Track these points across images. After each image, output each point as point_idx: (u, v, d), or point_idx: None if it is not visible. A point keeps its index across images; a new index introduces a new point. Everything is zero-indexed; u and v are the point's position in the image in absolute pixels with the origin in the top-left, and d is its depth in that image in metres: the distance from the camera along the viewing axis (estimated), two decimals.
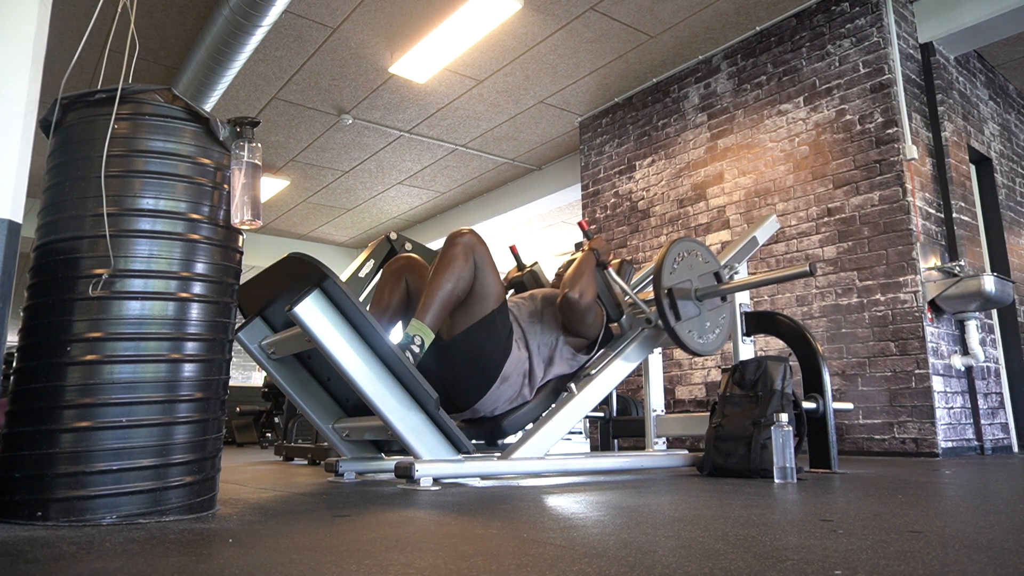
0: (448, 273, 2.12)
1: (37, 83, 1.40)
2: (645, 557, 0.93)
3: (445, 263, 2.14)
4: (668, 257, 2.54)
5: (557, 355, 2.47)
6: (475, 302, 2.19)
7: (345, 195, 7.68)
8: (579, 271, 2.44)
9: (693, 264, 2.64)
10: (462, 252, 2.15)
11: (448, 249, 2.17)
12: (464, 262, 2.14)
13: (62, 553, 0.98)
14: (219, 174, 1.52)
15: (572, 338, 2.50)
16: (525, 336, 2.41)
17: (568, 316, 2.42)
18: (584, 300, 2.38)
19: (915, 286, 3.68)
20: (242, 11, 3.78)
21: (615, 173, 5.57)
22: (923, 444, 3.53)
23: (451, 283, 2.12)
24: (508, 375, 2.30)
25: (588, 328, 2.47)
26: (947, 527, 1.20)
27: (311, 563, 0.91)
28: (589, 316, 2.43)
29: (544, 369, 2.44)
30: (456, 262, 2.14)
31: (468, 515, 1.39)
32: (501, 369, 2.27)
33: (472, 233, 2.21)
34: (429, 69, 5.01)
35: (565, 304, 2.39)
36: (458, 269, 2.13)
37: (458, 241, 2.17)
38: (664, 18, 4.54)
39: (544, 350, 2.44)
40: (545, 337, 2.45)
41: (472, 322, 2.20)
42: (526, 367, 2.38)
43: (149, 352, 1.37)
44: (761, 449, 2.25)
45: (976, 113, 4.64)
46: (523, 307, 2.50)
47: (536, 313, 2.49)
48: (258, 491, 1.98)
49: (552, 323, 2.48)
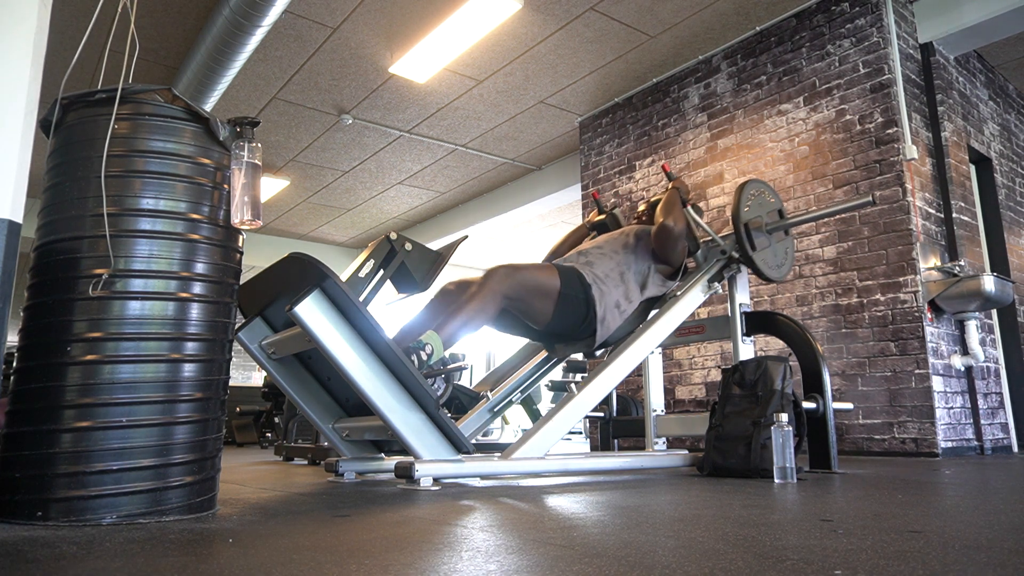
0: (472, 307, 2.30)
1: (37, 83, 1.40)
2: (645, 557, 0.93)
3: (473, 299, 2.32)
4: (744, 195, 2.88)
5: (650, 280, 2.75)
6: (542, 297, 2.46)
7: (345, 195, 7.68)
8: (671, 203, 2.77)
9: (762, 202, 2.96)
10: (489, 295, 2.35)
11: (480, 288, 2.35)
12: (490, 302, 2.33)
13: (62, 553, 0.98)
14: (219, 174, 1.52)
15: (661, 265, 2.79)
16: (620, 266, 2.69)
17: (663, 242, 2.71)
18: (678, 227, 2.69)
19: (915, 286, 3.68)
20: (242, 11, 3.78)
21: (615, 173, 5.57)
22: (923, 444, 3.53)
23: (470, 317, 2.29)
24: (604, 315, 2.57)
25: (677, 256, 2.76)
26: (947, 527, 1.20)
27: (311, 563, 0.91)
28: (680, 243, 2.73)
29: (639, 293, 2.72)
30: (482, 302, 2.31)
31: (468, 515, 1.39)
32: (596, 316, 2.55)
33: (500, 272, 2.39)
34: (429, 69, 5.01)
35: (662, 231, 2.68)
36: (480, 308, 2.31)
37: (487, 283, 2.35)
38: (664, 18, 4.54)
39: (638, 277, 2.73)
40: (639, 265, 2.74)
41: (552, 307, 2.48)
42: (619, 295, 2.64)
43: (149, 352, 1.37)
44: (761, 449, 2.25)
45: (976, 113, 4.64)
46: (617, 241, 2.78)
47: (630, 246, 2.78)
48: (258, 491, 1.98)
49: (645, 253, 2.77)
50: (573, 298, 2.52)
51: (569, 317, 2.53)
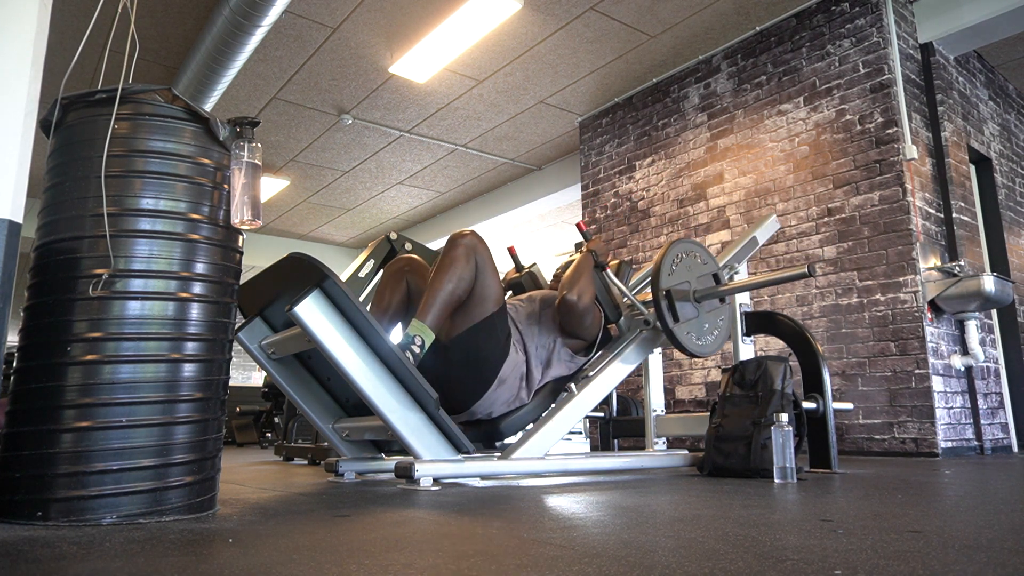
0: (449, 274, 2.12)
1: (37, 83, 1.40)
2: (645, 557, 0.93)
3: (446, 264, 2.14)
4: (666, 258, 2.55)
5: (555, 357, 2.46)
6: (475, 304, 2.19)
7: (345, 195, 7.68)
8: (577, 272, 2.44)
9: (692, 265, 2.64)
10: (463, 253, 2.15)
11: (449, 250, 2.16)
12: (465, 263, 2.14)
13: (62, 553, 0.98)
14: (219, 174, 1.52)
15: (570, 340, 2.50)
16: (523, 338, 2.40)
17: (566, 318, 2.42)
18: (582, 302, 2.37)
19: (915, 286, 3.68)
20: (242, 11, 3.78)
21: (615, 173, 5.57)
22: (923, 444, 3.53)
23: (452, 284, 2.12)
24: (505, 378, 2.30)
25: (586, 330, 2.47)
26: (947, 527, 1.20)
27: (311, 563, 0.91)
28: (587, 318, 2.43)
29: (542, 371, 2.44)
30: (457, 263, 2.13)
31: (468, 515, 1.39)
32: (498, 372, 2.27)
33: (473, 234, 2.20)
34: (429, 69, 5.01)
35: (563, 306, 2.39)
36: (459, 270, 2.13)
37: (460, 242, 2.17)
38: (664, 18, 4.54)
39: (542, 352, 2.44)
40: (543, 339, 2.45)
41: (471, 324, 2.19)
42: (523, 370, 2.37)
43: (149, 352, 1.37)
44: (761, 449, 2.25)
45: (976, 113, 4.64)
46: (521, 309, 2.49)
47: (534, 315, 2.48)
48: (258, 491, 1.98)
49: (550, 325, 2.48)
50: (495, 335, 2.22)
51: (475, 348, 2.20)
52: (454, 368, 2.24)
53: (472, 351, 2.22)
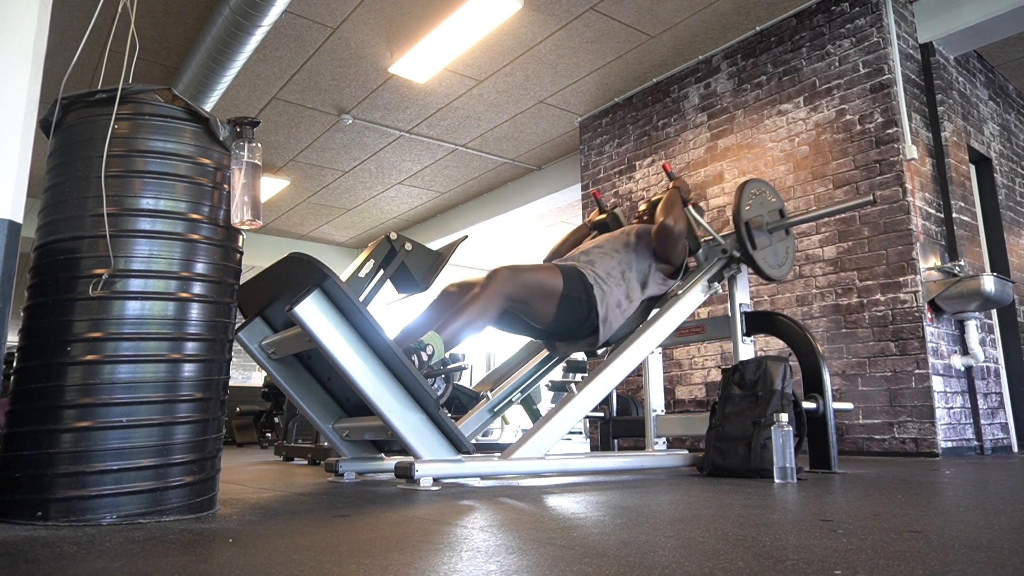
0: (473, 309, 2.30)
1: (37, 83, 1.40)
2: (645, 557, 0.93)
3: (475, 300, 2.32)
4: (744, 195, 2.89)
5: (651, 279, 2.76)
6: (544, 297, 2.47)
7: (345, 195, 7.68)
8: (671, 202, 2.78)
9: (763, 202, 2.98)
10: (492, 296, 2.34)
11: (483, 289, 2.35)
12: (492, 304, 2.34)
13: (62, 553, 0.98)
14: (219, 174, 1.52)
15: (662, 264, 2.79)
16: (621, 265, 2.70)
17: (663, 241, 2.71)
18: (678, 226, 2.70)
19: (915, 286, 3.68)
20: (242, 11, 3.78)
21: (615, 173, 5.57)
22: (923, 444, 3.53)
23: (472, 318, 2.28)
24: (606, 316, 2.58)
25: (677, 255, 2.77)
26: (947, 527, 1.20)
27: (311, 563, 0.91)
28: (680, 242, 2.74)
29: (640, 291, 2.73)
30: (484, 303, 2.32)
31: (468, 515, 1.39)
32: (598, 316, 2.57)
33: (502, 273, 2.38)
34: (429, 69, 5.01)
35: (662, 230, 2.69)
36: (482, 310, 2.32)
37: (490, 285, 2.35)
38: (664, 18, 4.54)
39: (639, 276, 2.74)
40: (640, 264, 2.76)
41: (555, 307, 2.49)
42: (620, 295, 2.66)
43: (149, 352, 1.37)
44: (761, 449, 2.25)
45: (976, 113, 4.64)
46: (618, 240, 2.79)
47: (631, 245, 2.79)
48: (258, 491, 1.98)
49: (645, 252, 2.78)
50: (575, 298, 2.53)
51: (571, 317, 2.54)
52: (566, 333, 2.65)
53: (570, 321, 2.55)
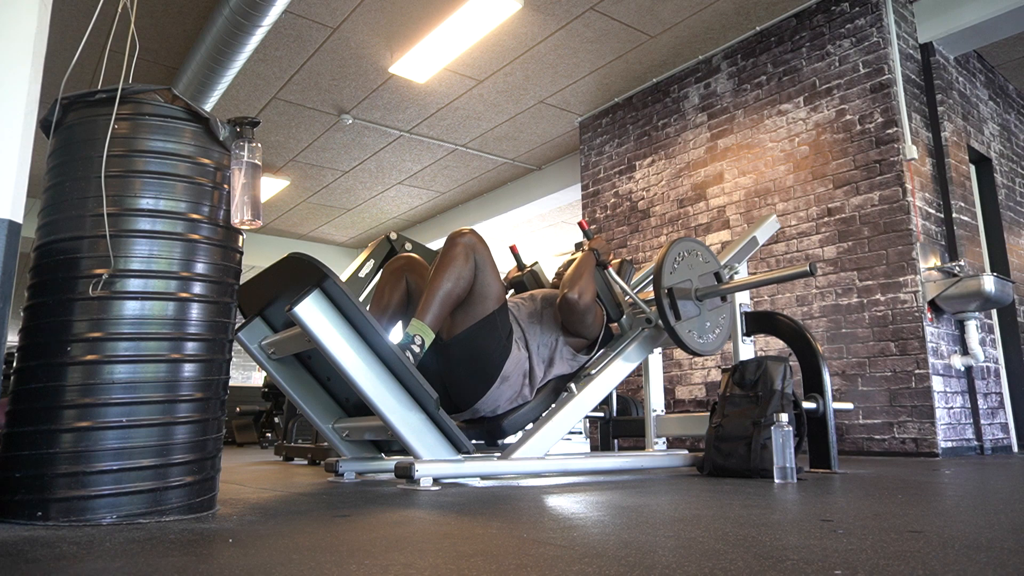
0: (448, 273, 2.13)
1: (37, 83, 1.40)
2: (645, 557, 0.93)
3: (445, 263, 2.14)
4: (668, 257, 2.55)
5: (557, 355, 2.47)
6: (476, 302, 2.20)
7: (345, 195, 7.68)
8: (579, 271, 2.45)
9: (693, 264, 2.64)
10: (463, 252, 2.15)
11: (448, 249, 2.17)
12: (464, 262, 2.15)
13: (62, 553, 0.98)
14: (219, 174, 1.52)
15: (572, 338, 2.51)
16: (525, 336, 2.41)
17: (568, 316, 2.42)
18: (583, 300, 2.38)
19: (915, 286, 3.68)
20: (242, 11, 3.78)
21: (615, 173, 5.57)
22: (923, 444, 3.53)
23: (451, 283, 2.13)
24: (508, 375, 2.31)
25: (588, 328, 2.48)
26: (947, 527, 1.20)
27: (311, 563, 0.91)
28: (589, 316, 2.43)
29: (544, 369, 2.45)
30: (456, 262, 2.14)
31: (468, 515, 1.39)
32: (501, 369, 2.28)
33: (472, 233, 2.21)
34: (429, 69, 5.01)
35: (564, 304, 2.39)
36: (458, 269, 2.14)
37: (459, 241, 2.17)
38: (664, 18, 4.54)
39: (544, 351, 2.45)
40: (545, 338, 2.46)
41: (473, 322, 2.20)
42: (526, 367, 2.38)
43: (149, 352, 1.37)
44: (761, 449, 2.25)
45: (976, 113, 4.64)
46: (523, 307, 2.50)
47: (536, 313, 2.49)
48: (258, 491, 1.98)
49: (552, 324, 2.49)
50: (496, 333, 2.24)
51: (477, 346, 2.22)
52: (457, 366, 2.25)
53: (474, 349, 2.23)
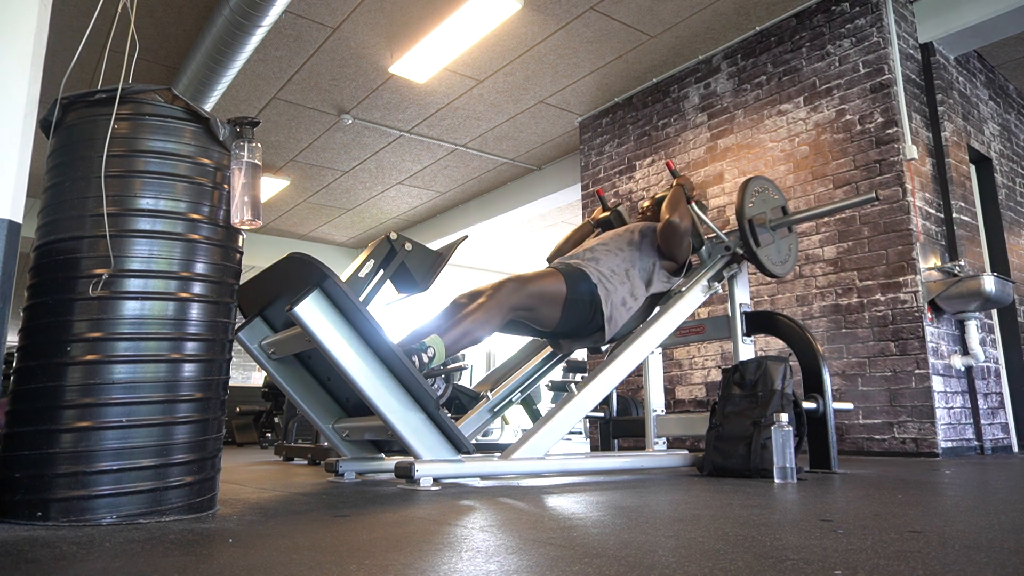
0: (477, 318, 2.31)
1: (37, 83, 1.40)
2: (645, 557, 0.93)
3: (479, 309, 2.33)
4: (747, 192, 2.87)
5: (655, 277, 2.78)
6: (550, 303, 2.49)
7: (345, 195, 7.68)
8: (676, 199, 2.78)
9: (766, 199, 2.97)
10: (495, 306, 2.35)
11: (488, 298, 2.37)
12: (495, 314, 2.35)
13: (62, 553, 0.98)
14: (219, 174, 1.52)
15: (667, 261, 2.81)
16: (626, 263, 2.71)
17: (669, 239, 2.72)
18: (684, 223, 2.71)
19: (915, 286, 3.68)
20: (242, 11, 3.78)
21: (615, 173, 5.57)
22: (923, 444, 3.53)
23: (474, 327, 2.29)
24: (611, 315, 2.60)
25: (682, 252, 2.79)
26: (947, 527, 1.20)
27: (311, 563, 0.91)
28: (686, 239, 2.76)
29: (644, 289, 2.75)
30: (487, 313, 2.33)
31: (468, 515, 1.39)
32: (603, 315, 2.59)
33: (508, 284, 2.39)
34: (429, 69, 5.01)
35: (668, 228, 2.70)
36: (485, 320, 2.32)
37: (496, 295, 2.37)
38: (664, 18, 4.54)
39: (644, 273, 2.76)
40: (644, 262, 2.77)
41: (560, 311, 2.51)
42: (625, 293, 2.67)
43: (149, 352, 1.37)
44: (761, 449, 2.25)
45: (976, 113, 4.64)
46: (622, 238, 2.80)
47: (635, 243, 2.80)
48: (258, 491, 1.98)
49: (650, 250, 2.80)
50: (579, 300, 2.55)
51: (577, 318, 2.55)
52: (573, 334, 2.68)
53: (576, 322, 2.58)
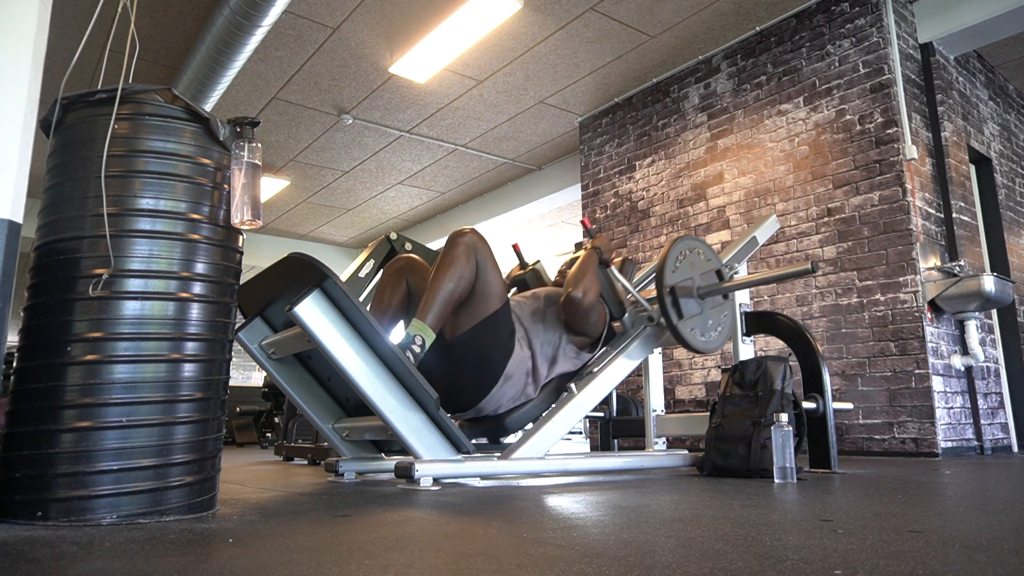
0: (450, 273, 2.14)
1: (37, 83, 1.40)
2: (645, 557, 0.93)
3: (447, 263, 2.15)
4: (671, 255, 2.55)
5: (560, 353, 2.47)
6: (478, 302, 2.20)
7: (345, 195, 7.68)
8: (582, 269, 2.45)
9: (695, 262, 2.64)
10: (464, 252, 2.16)
11: (450, 249, 2.18)
12: (466, 262, 2.16)
13: (62, 553, 0.98)
14: (219, 174, 1.52)
15: (575, 336, 2.51)
16: (528, 335, 2.40)
17: (571, 315, 2.42)
18: (587, 299, 2.38)
19: (915, 286, 3.68)
20: (242, 11, 3.78)
21: (615, 173, 5.57)
22: (923, 444, 3.53)
23: (452, 283, 2.13)
24: (511, 374, 2.31)
25: (591, 326, 2.48)
26: (947, 527, 1.20)
27: (311, 563, 0.91)
28: (592, 315, 2.44)
29: (548, 367, 2.45)
30: (458, 262, 2.15)
31: (468, 515, 1.39)
32: (504, 368, 2.28)
33: (474, 232, 2.22)
34: (429, 69, 5.01)
35: (568, 303, 2.39)
36: (459, 269, 2.15)
37: (459, 241, 2.18)
38: (664, 18, 4.54)
39: (547, 349, 2.45)
40: (548, 336, 2.46)
41: (475, 322, 2.21)
42: (529, 366, 2.38)
43: (149, 352, 1.37)
44: (761, 449, 2.25)
45: (976, 113, 4.64)
46: (526, 306, 2.49)
47: (539, 312, 2.49)
48: (258, 491, 1.98)
49: (555, 322, 2.49)
50: (498, 333, 2.24)
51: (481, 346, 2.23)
52: (460, 366, 2.26)
53: (477, 349, 2.23)
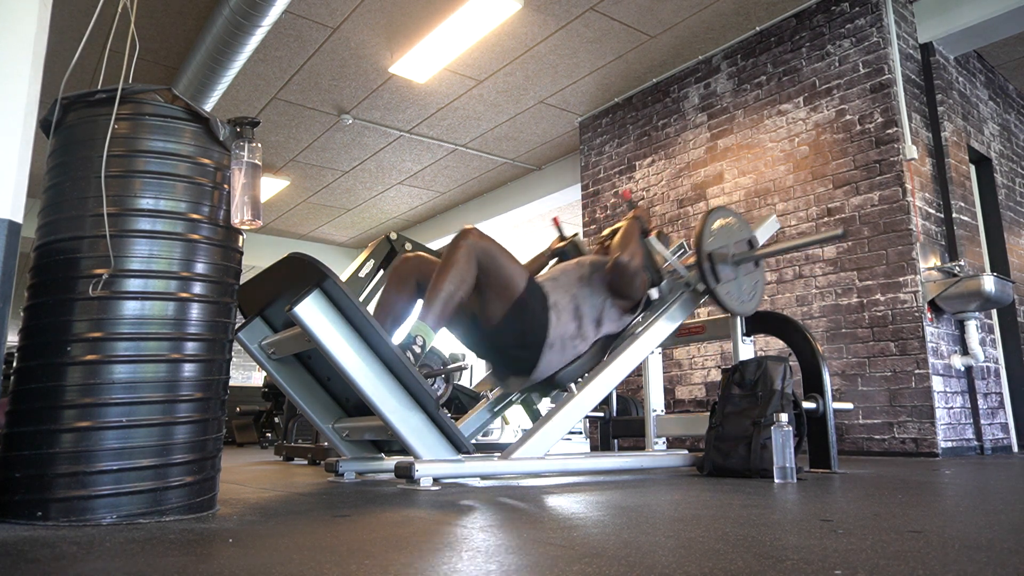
0: (450, 275, 2.17)
1: (37, 83, 1.40)
2: (645, 557, 0.93)
3: (448, 265, 2.18)
4: (707, 224, 2.71)
5: (605, 316, 2.59)
6: (502, 291, 2.29)
7: (345, 195, 7.68)
8: (628, 236, 2.60)
9: (730, 231, 2.80)
10: (464, 255, 2.20)
11: (451, 251, 2.21)
12: (466, 263, 2.19)
13: (62, 553, 0.98)
14: (219, 174, 1.52)
15: (619, 300, 2.62)
16: (576, 299, 2.51)
17: (618, 279, 2.54)
18: (634, 263, 2.52)
19: (915, 286, 3.68)
20: (242, 11, 3.78)
21: (615, 173, 5.57)
22: (923, 444, 3.53)
23: (453, 285, 2.16)
24: (553, 342, 2.41)
25: (635, 290, 2.60)
26: (947, 527, 1.20)
27: (311, 563, 0.91)
28: (637, 279, 2.57)
29: (595, 329, 2.56)
30: (458, 264, 2.18)
31: (468, 515, 1.39)
32: (544, 340, 2.39)
33: (474, 232, 2.26)
34: (429, 69, 5.01)
35: (616, 267, 2.52)
36: (459, 271, 2.18)
37: (460, 244, 2.22)
38: (664, 18, 4.54)
39: (593, 311, 2.56)
40: (594, 299, 2.57)
41: (506, 309, 2.31)
42: (572, 329, 2.47)
43: (149, 352, 1.37)
44: (761, 449, 2.25)
45: (976, 113, 4.64)
46: (572, 272, 2.60)
47: (585, 278, 2.60)
48: (258, 491, 1.98)
49: (600, 287, 2.59)
50: (531, 309, 2.34)
51: (519, 326, 2.33)
52: (505, 349, 2.43)
53: (514, 332, 2.35)
